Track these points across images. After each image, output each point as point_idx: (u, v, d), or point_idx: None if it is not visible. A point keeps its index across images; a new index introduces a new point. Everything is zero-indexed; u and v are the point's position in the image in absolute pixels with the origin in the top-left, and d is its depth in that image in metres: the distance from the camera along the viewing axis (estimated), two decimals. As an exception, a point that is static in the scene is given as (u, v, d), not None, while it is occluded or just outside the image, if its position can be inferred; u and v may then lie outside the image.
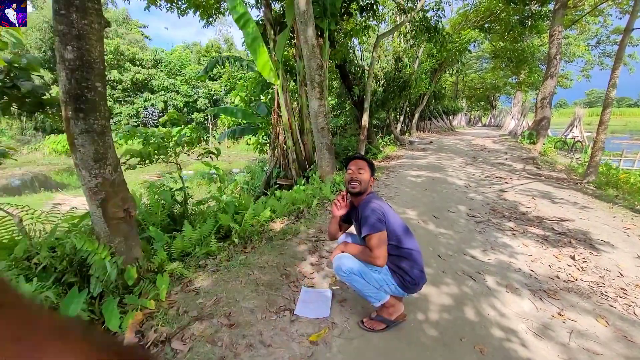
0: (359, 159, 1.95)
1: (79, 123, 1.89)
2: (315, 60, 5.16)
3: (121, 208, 2.18)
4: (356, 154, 2.02)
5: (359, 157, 1.97)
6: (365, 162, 1.94)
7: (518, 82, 18.60)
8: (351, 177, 1.89)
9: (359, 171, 1.89)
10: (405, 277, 1.80)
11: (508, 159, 8.64)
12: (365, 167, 1.91)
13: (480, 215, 4.05)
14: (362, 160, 1.94)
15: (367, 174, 1.90)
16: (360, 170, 1.89)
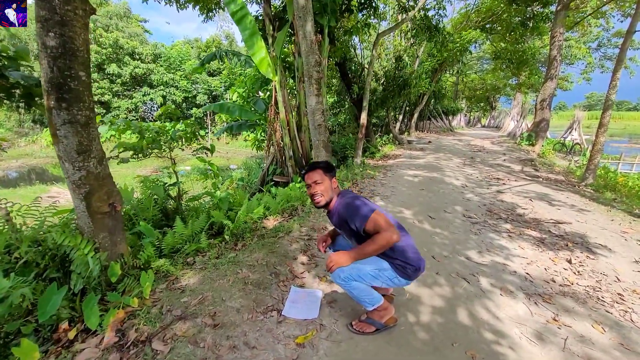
0: (309, 172, 1.83)
1: (62, 113, 1.81)
2: (314, 57, 5.08)
3: (106, 202, 2.11)
4: (307, 166, 1.89)
5: (310, 169, 1.84)
6: (318, 169, 1.82)
7: (518, 83, 18.54)
8: (311, 194, 1.80)
9: (315, 184, 1.78)
10: (406, 266, 1.72)
11: (506, 160, 8.59)
12: (321, 175, 1.79)
13: (477, 216, 4.00)
14: (313, 171, 1.82)
15: (325, 182, 1.79)
16: (316, 182, 1.78)
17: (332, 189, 1.81)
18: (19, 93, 2.86)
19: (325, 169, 1.81)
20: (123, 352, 1.62)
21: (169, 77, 24.62)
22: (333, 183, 1.83)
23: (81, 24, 1.77)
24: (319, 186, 1.77)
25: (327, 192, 1.78)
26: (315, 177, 1.78)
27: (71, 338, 1.78)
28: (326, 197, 1.78)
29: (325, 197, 1.78)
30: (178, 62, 25.72)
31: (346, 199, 1.73)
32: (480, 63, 25.83)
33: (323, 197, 1.77)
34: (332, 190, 1.81)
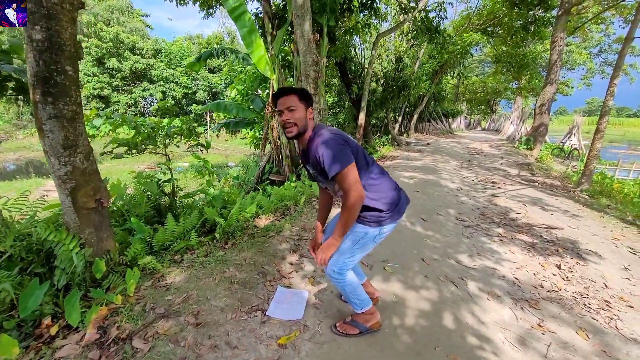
0: (283, 95, 1.56)
1: (48, 107, 1.80)
2: (311, 56, 5.07)
3: (92, 198, 2.10)
4: (279, 89, 1.60)
5: (283, 93, 1.57)
6: (293, 94, 1.56)
7: (518, 87, 18.55)
8: (283, 122, 1.55)
9: (288, 111, 1.53)
10: (381, 216, 1.61)
11: (503, 163, 8.60)
12: (296, 102, 1.54)
13: (470, 220, 4.00)
14: (287, 95, 1.55)
15: (300, 109, 1.55)
16: (290, 108, 1.53)
17: (307, 119, 1.58)
18: (11, 86, 2.86)
19: (302, 96, 1.57)
20: (103, 350, 1.61)
21: (169, 72, 24.57)
22: (309, 113, 1.60)
23: (68, 18, 1.75)
24: (293, 113, 1.53)
25: (301, 122, 1.55)
26: (289, 103, 1.53)
27: (53, 334, 1.77)
28: (300, 127, 1.55)
29: (300, 127, 1.55)
30: (179, 58, 25.66)
31: (326, 137, 1.50)
32: (481, 66, 25.84)
33: (297, 127, 1.54)
34: (307, 121, 1.58)
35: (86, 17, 22.40)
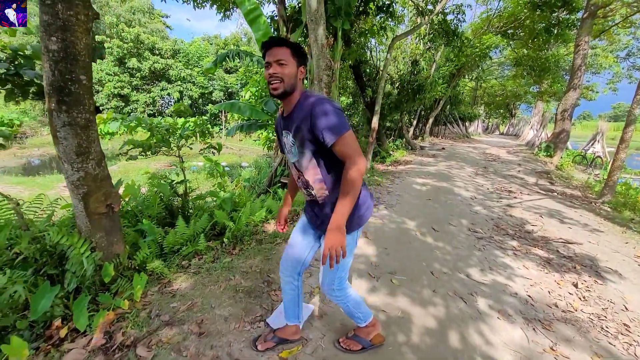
0: (274, 46, 1.35)
1: (62, 116, 1.85)
2: (324, 60, 5.06)
3: (103, 203, 2.15)
4: (270, 38, 1.38)
5: (274, 44, 1.36)
6: (286, 47, 1.36)
7: (540, 91, 17.99)
8: (270, 75, 1.34)
9: (279, 64, 1.33)
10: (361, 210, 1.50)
11: (521, 171, 8.35)
12: (287, 56, 1.34)
13: (483, 231, 3.89)
14: (281, 47, 1.35)
15: (291, 66, 1.35)
16: (280, 62, 1.32)
17: (297, 78, 1.39)
18: (33, 90, 2.97)
19: (295, 51, 1.38)
20: (108, 355, 1.64)
21: (186, 72, 25.07)
22: (300, 73, 1.40)
23: (83, 29, 1.80)
24: (283, 68, 1.33)
25: (290, 79, 1.35)
26: (280, 55, 1.33)
27: (62, 336, 1.82)
28: (287, 85, 1.35)
29: (286, 84, 1.34)
30: (196, 58, 26.15)
31: (322, 98, 1.34)
32: (501, 69, 25.22)
33: (283, 84, 1.34)
34: (297, 80, 1.39)
35: (109, 18, 23.10)
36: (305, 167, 1.42)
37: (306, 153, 1.39)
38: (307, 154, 1.39)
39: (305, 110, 1.33)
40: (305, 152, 1.39)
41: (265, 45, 1.37)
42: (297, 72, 1.38)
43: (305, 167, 1.42)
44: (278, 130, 1.58)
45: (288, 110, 1.43)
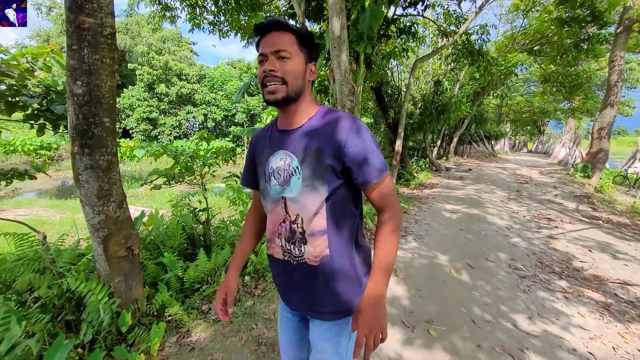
0: (274, 31, 0.94)
1: (84, 159, 1.80)
2: (347, 86, 4.98)
3: (123, 246, 2.06)
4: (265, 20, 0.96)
5: (274, 26, 0.94)
6: (291, 33, 0.95)
7: (571, 108, 17.21)
8: (264, 72, 0.93)
9: (278, 57, 0.92)
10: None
11: (558, 195, 7.80)
12: (292, 46, 0.94)
13: (525, 268, 3.53)
14: (282, 32, 0.94)
15: (297, 61, 0.95)
16: (280, 54, 0.92)
17: (305, 79, 0.99)
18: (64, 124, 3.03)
19: (303, 39, 0.97)
20: None
21: (211, 96, 26.05)
22: (310, 72, 1.00)
23: (108, 72, 1.76)
24: (284, 63, 0.92)
25: (297, 79, 0.95)
26: (280, 44, 0.92)
27: (74, 394, 1.69)
28: (290, 88, 0.94)
29: (289, 87, 0.94)
30: (220, 82, 27.18)
31: (355, 118, 0.98)
32: (527, 85, 24.50)
33: (285, 86, 0.93)
34: (305, 82, 0.99)
35: (141, 47, 24.60)
36: (309, 210, 0.97)
37: (319, 189, 0.95)
38: (319, 191, 0.96)
39: (331, 128, 0.96)
40: (317, 187, 0.95)
41: (259, 30, 0.95)
42: (305, 70, 0.98)
43: (309, 210, 0.97)
44: (259, 149, 1.12)
45: (291, 123, 1.02)
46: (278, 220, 1.04)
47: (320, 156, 0.95)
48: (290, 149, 1.00)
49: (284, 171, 1.01)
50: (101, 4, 1.65)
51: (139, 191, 11.36)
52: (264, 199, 1.11)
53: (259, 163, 1.12)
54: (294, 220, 1.02)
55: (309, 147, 0.97)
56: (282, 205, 1.03)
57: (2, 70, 2.71)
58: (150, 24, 27.41)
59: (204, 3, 7.49)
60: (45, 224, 7.02)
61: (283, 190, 1.01)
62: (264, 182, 1.08)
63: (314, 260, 1.01)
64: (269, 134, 1.10)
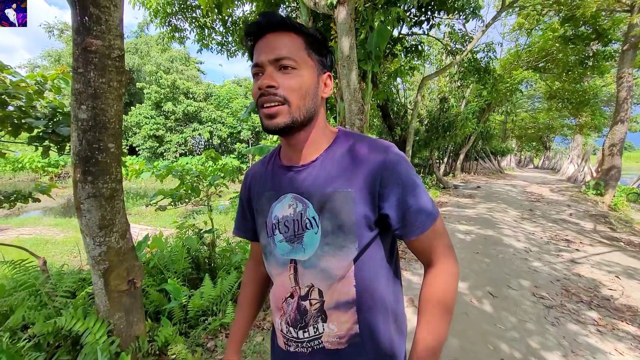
0: (272, 31, 0.69)
1: (87, 187, 1.68)
2: (357, 105, 4.92)
3: (125, 280, 1.91)
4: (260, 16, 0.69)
5: (273, 25, 0.69)
6: (296, 34, 0.70)
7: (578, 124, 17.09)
8: (259, 89, 0.68)
9: (279, 66, 0.68)
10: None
11: (573, 214, 7.56)
12: (298, 51, 0.69)
13: (550, 297, 3.31)
14: (283, 33, 0.70)
15: (306, 72, 0.70)
16: (282, 62, 0.67)
17: (318, 95, 0.74)
18: (69, 146, 2.96)
19: (314, 41, 0.72)
20: None
21: (217, 114, 26.36)
22: (323, 85, 0.75)
23: (115, 96, 1.67)
24: (287, 77, 0.68)
25: (305, 98, 0.70)
26: (281, 49, 0.68)
27: None
28: (296, 110, 0.69)
29: (294, 109, 0.69)
30: (226, 100, 27.56)
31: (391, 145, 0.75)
32: (531, 101, 24.51)
33: (288, 108, 0.68)
34: (317, 101, 0.73)
35: (149, 67, 25.15)
36: (331, 277, 0.73)
37: (346, 248, 0.72)
38: (346, 250, 0.72)
39: (360, 161, 0.72)
40: (344, 244, 0.71)
41: (252, 31, 0.71)
42: (317, 84, 0.73)
43: (331, 277, 0.73)
44: (256, 191, 0.86)
45: (302, 156, 0.77)
46: (282, 294, 0.79)
47: (347, 201, 0.71)
48: (302, 191, 0.75)
49: (295, 222, 0.75)
50: (110, 26, 1.57)
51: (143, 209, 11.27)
52: (266, 258, 0.84)
53: (258, 211, 0.85)
54: (305, 294, 0.75)
55: (330, 188, 0.72)
56: (290, 271, 0.77)
57: (10, 93, 2.66)
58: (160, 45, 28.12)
59: (213, 24, 7.60)
60: (48, 243, 6.91)
61: (293, 249, 0.76)
62: (266, 237, 0.82)
63: (339, 342, 0.74)
64: (270, 171, 0.84)
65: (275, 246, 0.79)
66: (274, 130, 0.69)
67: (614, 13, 11.56)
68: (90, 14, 1.51)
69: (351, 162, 0.73)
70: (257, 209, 0.85)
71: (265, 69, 0.68)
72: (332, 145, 0.77)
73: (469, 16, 6.50)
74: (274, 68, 0.68)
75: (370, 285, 0.75)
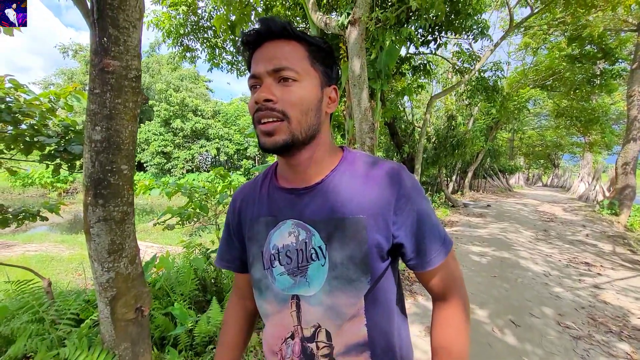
0: (272, 39, 0.63)
1: (97, 210, 1.62)
2: (367, 123, 4.88)
3: (132, 308, 1.81)
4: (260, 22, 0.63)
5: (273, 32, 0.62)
6: (298, 42, 0.64)
7: (588, 142, 16.92)
8: (256, 104, 0.62)
9: (278, 78, 0.61)
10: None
11: (589, 235, 7.32)
12: (299, 61, 0.63)
13: (577, 327, 3.11)
14: (285, 41, 0.63)
15: (308, 83, 0.63)
16: (282, 73, 0.61)
17: (322, 111, 0.67)
18: (80, 164, 2.95)
19: (318, 51, 0.66)
20: None
21: (224, 131, 26.74)
22: (329, 101, 0.69)
23: (130, 116, 1.63)
24: (287, 90, 0.61)
25: (306, 113, 0.63)
26: (281, 59, 0.61)
27: None
28: (296, 126, 0.62)
29: (294, 126, 0.62)
30: (234, 117, 27.98)
31: (406, 170, 0.69)
32: (538, 119, 24.45)
33: (288, 124, 0.61)
34: (320, 117, 0.67)
35: (159, 85, 25.75)
36: (340, 316, 0.65)
37: (357, 281, 0.64)
38: (357, 284, 0.64)
39: (371, 186, 0.66)
40: (355, 278, 0.64)
41: (250, 39, 0.65)
42: (321, 98, 0.66)
43: (340, 316, 0.65)
44: (248, 215, 0.77)
45: (304, 178, 0.70)
46: (281, 334, 0.69)
47: (359, 229, 0.63)
48: (306, 217, 0.67)
49: (299, 253, 0.67)
50: (128, 47, 1.55)
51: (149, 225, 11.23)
52: (260, 294, 0.73)
53: (251, 239, 0.74)
54: (311, 335, 0.66)
55: (339, 214, 0.64)
56: (292, 308, 0.68)
57: (24, 111, 2.66)
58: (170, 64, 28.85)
59: (224, 44, 7.75)
60: (53, 260, 6.85)
61: (295, 283, 0.67)
62: (262, 269, 0.71)
63: None
64: (266, 194, 0.74)
65: (273, 280, 0.70)
66: (271, 149, 0.62)
67: (619, 33, 11.65)
68: (109, 35, 1.49)
69: (362, 185, 0.67)
70: (250, 237, 0.75)
71: (263, 81, 0.62)
72: (339, 166, 0.70)
73: (478, 36, 6.54)
74: (272, 80, 0.62)
75: (382, 323, 0.67)
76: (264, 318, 0.74)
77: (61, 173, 3.13)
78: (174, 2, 6.55)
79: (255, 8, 6.69)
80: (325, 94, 0.68)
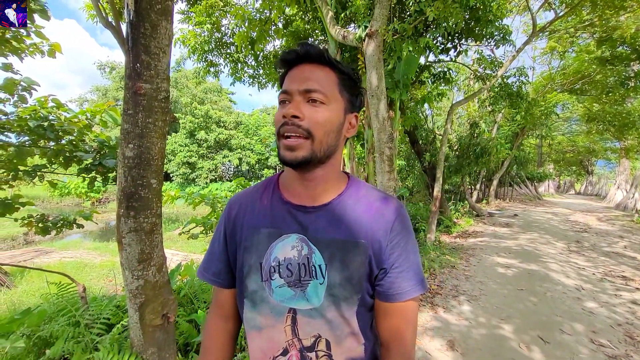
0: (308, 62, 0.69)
1: (129, 221, 1.74)
2: (386, 134, 4.89)
3: (159, 314, 1.91)
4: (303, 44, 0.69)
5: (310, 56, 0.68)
6: (331, 69, 0.70)
7: (624, 148, 15.99)
8: (283, 118, 0.66)
9: (308, 98, 0.66)
10: None
11: (627, 247, 6.88)
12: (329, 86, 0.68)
13: (612, 345, 2.93)
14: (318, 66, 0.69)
15: (334, 107, 0.69)
16: (312, 95, 0.66)
17: (341, 134, 0.73)
18: (112, 176, 3.16)
19: (348, 80, 0.72)
20: None
21: (246, 141, 27.41)
22: (349, 127, 0.74)
23: (159, 134, 1.75)
24: (315, 110, 0.66)
25: (328, 135, 0.68)
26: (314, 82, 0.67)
27: None
28: (317, 145, 0.66)
29: (316, 145, 0.66)
30: (255, 128, 28.65)
31: (401, 204, 0.75)
32: (568, 124, 23.39)
33: (310, 142, 0.66)
34: (340, 140, 0.72)
35: (185, 99, 26.89)
36: (339, 327, 0.69)
37: (350, 300, 0.69)
38: (352, 301, 0.69)
39: (372, 215, 0.71)
40: (348, 297, 0.68)
41: (287, 59, 0.70)
42: (343, 123, 0.72)
43: (339, 327, 0.69)
44: (245, 223, 0.77)
45: (313, 196, 0.73)
46: (274, 348, 0.70)
47: (359, 253, 0.68)
48: (311, 235, 0.70)
49: (301, 267, 0.69)
50: (159, 71, 1.68)
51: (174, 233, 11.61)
52: (253, 306, 0.72)
53: (247, 249, 0.74)
54: (311, 345, 0.68)
55: (342, 236, 0.69)
56: (287, 322, 0.69)
57: (65, 129, 2.89)
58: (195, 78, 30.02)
59: (246, 59, 8.04)
60: (87, 266, 7.22)
61: (295, 296, 0.69)
62: (259, 280, 0.71)
63: None
64: (269, 206, 0.75)
65: (271, 292, 0.70)
66: (291, 163, 0.66)
67: (654, 32, 11.05)
68: (141, 60, 1.62)
69: (365, 213, 0.72)
70: (247, 246, 0.74)
71: (294, 98, 0.67)
72: (346, 191, 0.75)
73: (499, 42, 6.43)
74: (302, 99, 0.67)
75: (372, 342, 0.75)
76: (253, 331, 0.73)
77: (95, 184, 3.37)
78: (199, 21, 6.90)
79: (275, 24, 6.93)
80: (347, 119, 0.73)
